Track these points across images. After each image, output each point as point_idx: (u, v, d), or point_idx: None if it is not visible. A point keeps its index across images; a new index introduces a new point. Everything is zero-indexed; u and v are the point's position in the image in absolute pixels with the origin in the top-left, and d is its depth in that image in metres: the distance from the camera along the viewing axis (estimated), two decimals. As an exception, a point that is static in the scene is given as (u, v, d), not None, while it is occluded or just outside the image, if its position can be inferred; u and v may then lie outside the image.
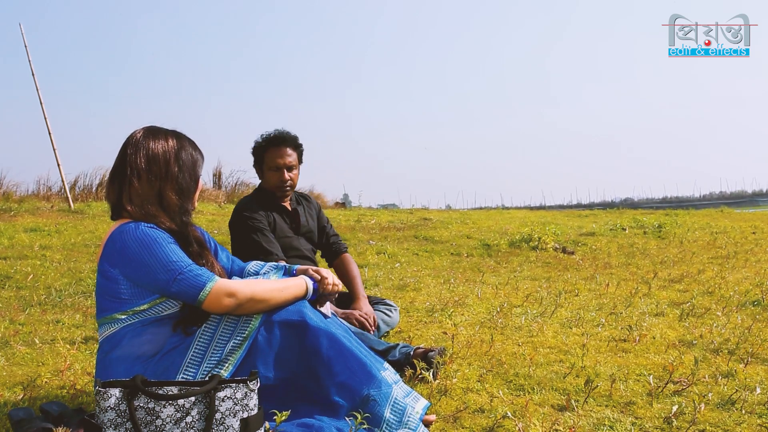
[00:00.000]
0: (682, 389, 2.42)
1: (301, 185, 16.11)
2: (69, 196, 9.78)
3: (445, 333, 3.12)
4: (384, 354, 2.55)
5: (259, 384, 1.77)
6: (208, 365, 1.85)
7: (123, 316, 1.90)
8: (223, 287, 1.86)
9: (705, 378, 2.55)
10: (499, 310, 3.76)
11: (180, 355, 1.87)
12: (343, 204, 16.93)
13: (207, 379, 1.75)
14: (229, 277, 2.17)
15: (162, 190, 2.00)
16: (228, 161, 18.00)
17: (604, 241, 7.18)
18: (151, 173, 1.99)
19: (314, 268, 2.18)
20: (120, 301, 1.90)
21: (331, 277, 2.15)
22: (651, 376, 2.47)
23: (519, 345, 3.02)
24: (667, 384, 2.45)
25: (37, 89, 9.81)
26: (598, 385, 2.40)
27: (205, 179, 15.05)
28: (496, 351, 2.91)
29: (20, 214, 8.69)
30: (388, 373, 2.05)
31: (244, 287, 1.89)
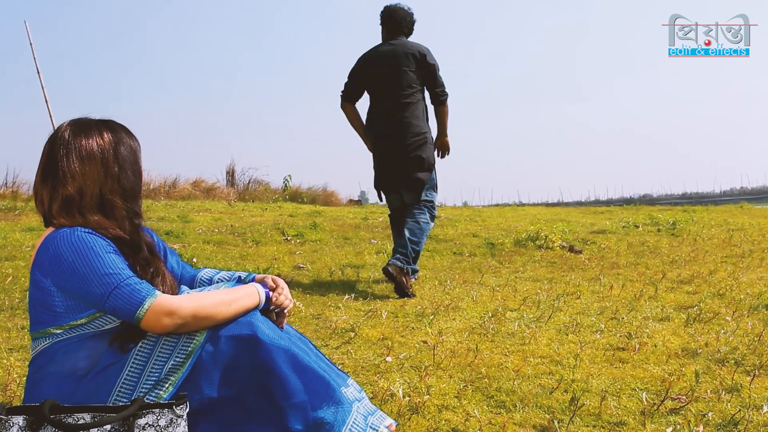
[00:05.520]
0: (681, 407, 2.21)
1: (314, 183, 15.96)
2: (74, 194, 9.68)
3: (425, 342, 2.91)
4: None
5: (188, 408, 1.59)
6: (145, 386, 1.66)
7: (58, 331, 1.71)
8: (162, 305, 1.65)
9: (707, 394, 2.32)
10: (492, 314, 3.54)
11: (114, 375, 1.68)
12: (359, 202, 16.70)
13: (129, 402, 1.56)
14: (179, 285, 1.98)
15: (103, 194, 1.79)
16: (240, 159, 17.89)
17: (614, 239, 6.91)
18: (88, 177, 1.78)
19: (273, 277, 1.98)
20: (54, 315, 1.70)
21: (286, 290, 1.94)
22: (645, 394, 2.26)
23: (506, 355, 2.80)
24: (664, 401, 2.23)
25: (43, 87, 9.73)
26: (584, 404, 2.19)
27: (218, 177, 14.93)
28: (481, 361, 2.70)
29: (25, 213, 8.60)
30: (350, 389, 1.86)
31: (187, 304, 1.68)
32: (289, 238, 6.68)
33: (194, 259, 4.95)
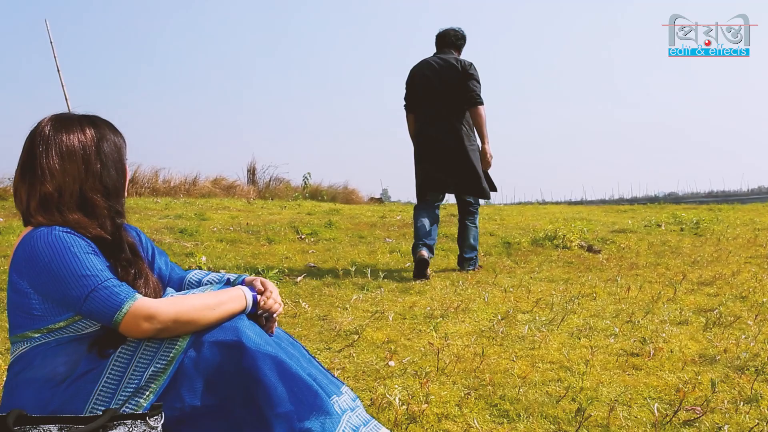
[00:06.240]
0: (695, 418, 2.08)
1: (335, 181, 15.91)
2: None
3: (431, 344, 2.81)
4: None
5: (163, 419, 1.51)
6: (124, 394, 1.58)
7: (36, 335, 1.64)
8: (141, 309, 1.57)
9: (723, 404, 2.20)
10: (502, 317, 3.43)
11: (91, 382, 1.60)
12: (380, 200, 16.61)
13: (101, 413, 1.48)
14: (165, 287, 1.90)
15: (84, 192, 1.72)
16: (261, 157, 17.89)
17: (635, 238, 6.73)
18: (68, 174, 1.70)
19: (262, 279, 1.89)
20: (32, 318, 1.63)
21: (275, 293, 1.85)
22: (657, 404, 2.14)
23: (514, 360, 2.69)
24: (677, 412, 2.11)
25: (62, 85, 9.76)
26: (591, 414, 2.07)
27: (239, 175, 14.94)
28: (487, 367, 2.59)
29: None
30: (343, 398, 1.77)
31: (168, 308, 1.60)
32: (303, 236, 6.61)
33: (203, 258, 4.90)
